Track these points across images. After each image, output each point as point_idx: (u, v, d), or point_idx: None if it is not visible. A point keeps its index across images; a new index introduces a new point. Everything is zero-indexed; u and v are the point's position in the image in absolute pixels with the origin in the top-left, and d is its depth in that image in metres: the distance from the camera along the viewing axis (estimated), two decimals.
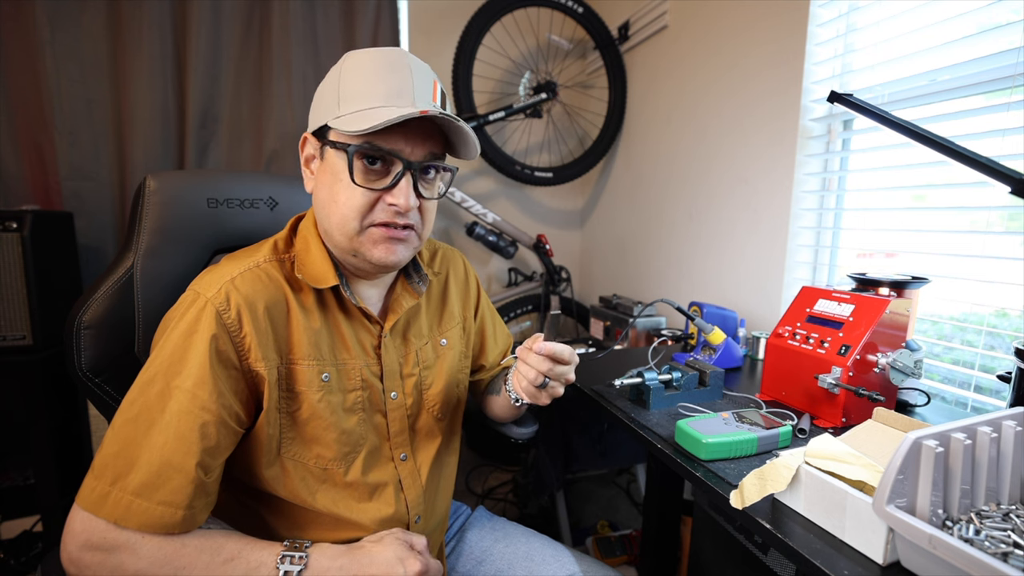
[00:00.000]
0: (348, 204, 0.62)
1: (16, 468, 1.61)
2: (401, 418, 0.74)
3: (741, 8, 1.37)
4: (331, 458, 0.67)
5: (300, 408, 0.65)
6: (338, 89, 0.62)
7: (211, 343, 0.58)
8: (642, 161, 1.88)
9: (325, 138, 0.64)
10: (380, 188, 0.62)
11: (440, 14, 1.97)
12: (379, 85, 0.61)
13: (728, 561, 1.03)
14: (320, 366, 0.66)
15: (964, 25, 0.95)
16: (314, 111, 0.66)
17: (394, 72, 0.62)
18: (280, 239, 0.70)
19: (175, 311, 0.62)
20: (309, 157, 0.68)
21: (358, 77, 0.62)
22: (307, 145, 0.67)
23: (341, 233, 0.64)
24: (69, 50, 1.55)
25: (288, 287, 0.65)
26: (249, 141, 1.76)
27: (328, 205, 0.64)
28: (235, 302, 0.60)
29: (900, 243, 1.10)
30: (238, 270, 0.63)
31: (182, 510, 0.55)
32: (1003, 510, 0.49)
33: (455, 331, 0.83)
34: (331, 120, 0.62)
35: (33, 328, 1.28)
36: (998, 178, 0.70)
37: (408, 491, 0.73)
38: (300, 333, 0.65)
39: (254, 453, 0.64)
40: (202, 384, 0.57)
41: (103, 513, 0.53)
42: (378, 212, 0.63)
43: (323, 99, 0.64)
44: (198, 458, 0.56)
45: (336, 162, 0.63)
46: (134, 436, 0.55)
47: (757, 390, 0.95)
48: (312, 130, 0.66)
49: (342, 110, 0.61)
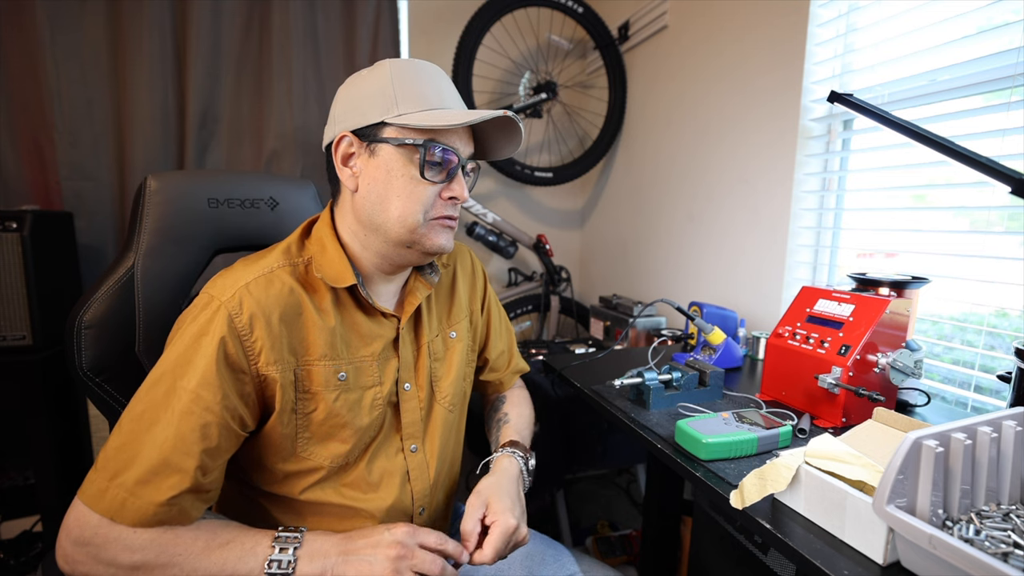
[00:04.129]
0: (414, 198, 0.65)
1: (16, 468, 1.60)
2: (414, 409, 0.75)
3: (741, 8, 1.37)
4: (345, 453, 0.68)
5: (316, 408, 0.66)
6: (392, 89, 0.65)
7: (220, 346, 0.58)
8: (642, 161, 1.88)
9: (375, 136, 0.65)
10: (440, 182, 0.66)
11: (440, 14, 1.97)
12: (432, 88, 0.66)
13: (728, 561, 1.03)
14: (336, 365, 0.67)
15: (964, 25, 0.95)
16: (353, 111, 0.66)
17: (443, 80, 0.69)
18: (293, 243, 0.70)
19: (188, 313, 0.63)
20: (347, 155, 0.67)
21: (411, 79, 0.66)
22: (343, 144, 0.67)
23: (403, 226, 0.66)
24: (69, 50, 1.54)
25: (302, 290, 0.66)
26: (249, 141, 1.75)
27: (385, 200, 0.65)
28: (248, 307, 0.61)
29: (900, 243, 1.10)
30: (253, 275, 0.63)
31: (176, 508, 0.56)
32: (1003, 510, 0.49)
33: (463, 324, 0.84)
34: (390, 117, 0.63)
35: (33, 328, 1.28)
36: (998, 178, 0.70)
37: (415, 483, 0.73)
38: (316, 334, 0.65)
39: (267, 452, 0.65)
40: (207, 385, 0.58)
41: (100, 508, 0.54)
42: (438, 206, 0.67)
43: (368, 99, 0.65)
44: (197, 459, 0.56)
45: (395, 158, 0.64)
46: (137, 433, 0.56)
47: (757, 390, 0.95)
48: (356, 128, 0.66)
49: (401, 108, 0.64)
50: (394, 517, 0.71)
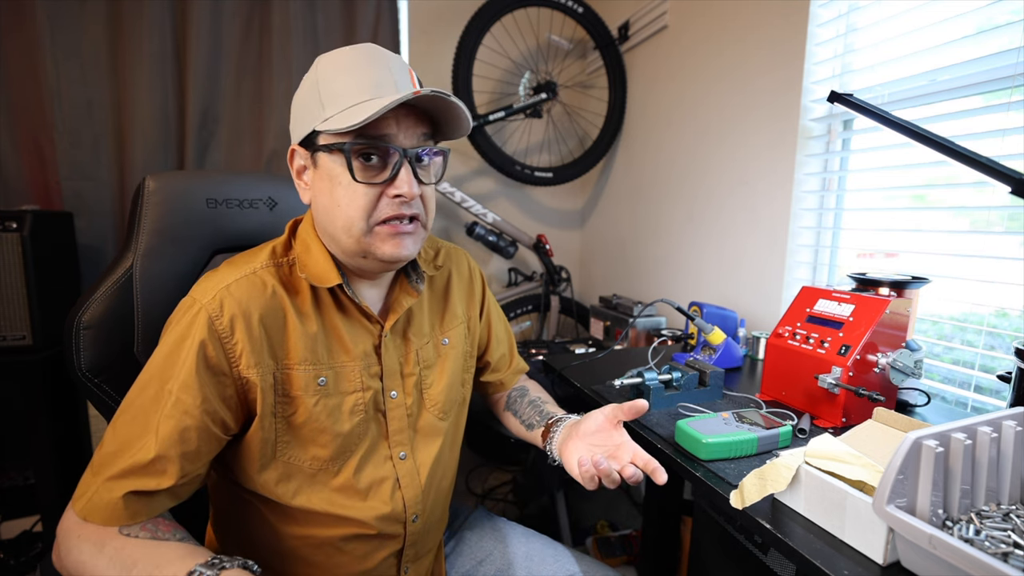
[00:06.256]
0: (352, 204, 0.61)
1: (16, 468, 1.61)
2: (401, 417, 0.73)
3: (741, 8, 1.37)
4: (327, 458, 0.67)
5: (296, 412, 0.65)
6: (319, 93, 0.61)
7: (200, 349, 0.58)
8: (642, 161, 1.88)
9: (314, 145, 0.63)
10: (381, 182, 0.62)
11: (440, 14, 1.97)
12: (360, 80, 0.61)
13: (728, 561, 1.03)
14: (316, 370, 0.66)
15: (964, 25, 0.95)
16: (296, 122, 0.65)
17: (372, 65, 0.62)
18: (279, 244, 0.70)
19: (174, 316, 0.63)
20: (300, 169, 0.67)
21: (337, 77, 0.62)
22: (296, 157, 0.67)
23: (348, 235, 0.63)
24: (69, 50, 1.54)
25: (285, 292, 0.65)
26: (249, 141, 1.76)
27: (331, 210, 0.63)
28: (228, 309, 0.60)
29: (900, 243, 1.10)
30: (234, 276, 0.63)
31: (142, 502, 0.57)
32: (1003, 510, 0.49)
33: (458, 331, 0.82)
34: (318, 124, 0.61)
35: (33, 328, 1.28)
36: (998, 178, 0.70)
37: (406, 490, 0.72)
38: (296, 338, 0.64)
39: (248, 457, 0.64)
40: (187, 389, 0.58)
41: (76, 507, 0.56)
42: (383, 208, 0.62)
43: (304, 107, 0.64)
44: (176, 463, 0.57)
45: (332, 166, 0.62)
46: (129, 437, 0.57)
47: (757, 390, 0.95)
48: (298, 141, 0.65)
49: (328, 112, 0.60)
50: (387, 525, 0.70)
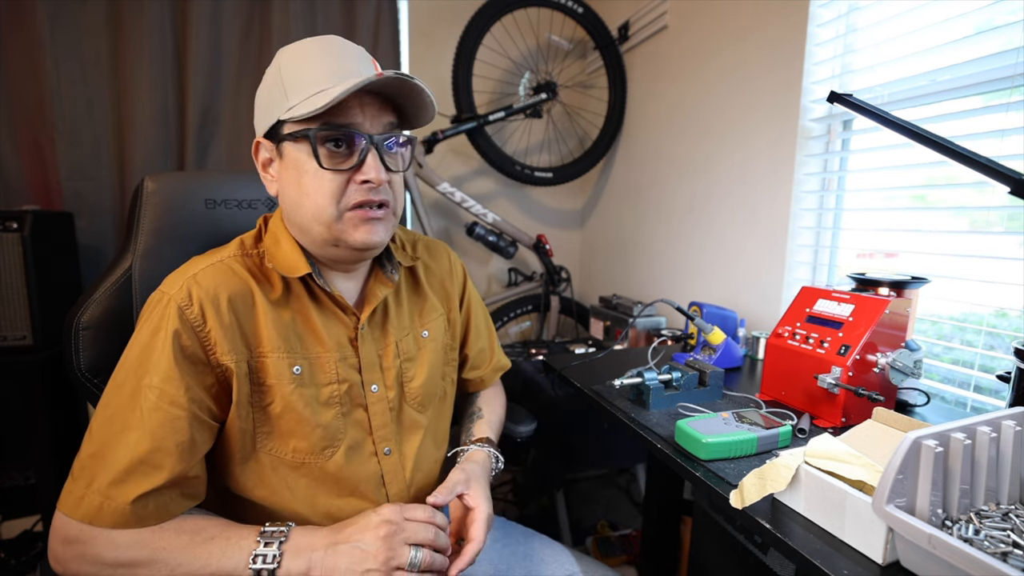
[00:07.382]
0: (320, 191, 0.61)
1: (16, 468, 1.60)
2: (383, 411, 0.72)
3: (741, 8, 1.37)
4: (308, 451, 0.66)
5: (272, 402, 0.64)
6: (282, 83, 0.62)
7: (174, 339, 0.58)
8: (642, 160, 1.88)
9: (279, 135, 0.63)
10: (348, 168, 0.62)
11: (440, 15, 1.97)
12: (323, 68, 0.61)
13: (728, 561, 1.03)
14: (291, 359, 0.65)
15: (964, 25, 0.95)
16: (260, 114, 0.66)
17: (333, 54, 0.63)
18: (248, 236, 0.70)
19: (144, 311, 0.63)
20: (266, 161, 0.67)
21: (299, 66, 0.62)
22: (260, 150, 0.67)
23: (319, 223, 0.63)
24: (69, 50, 1.55)
25: (253, 281, 0.65)
26: (249, 141, 1.73)
27: (299, 200, 0.63)
28: (196, 296, 0.60)
29: (900, 243, 1.10)
30: (201, 266, 0.64)
31: (153, 505, 0.56)
32: (1003, 510, 0.49)
33: (438, 323, 0.82)
34: (283, 114, 0.61)
35: (33, 328, 1.28)
36: (998, 178, 0.70)
37: (391, 486, 0.72)
38: (268, 326, 0.64)
39: (228, 449, 0.64)
40: (169, 380, 0.58)
41: (78, 515, 0.55)
42: (351, 194, 0.62)
43: (268, 99, 0.64)
44: (172, 454, 0.57)
45: (298, 155, 0.62)
46: (108, 438, 0.57)
47: (757, 390, 0.95)
48: (263, 133, 0.65)
49: (291, 101, 0.61)
50: None
